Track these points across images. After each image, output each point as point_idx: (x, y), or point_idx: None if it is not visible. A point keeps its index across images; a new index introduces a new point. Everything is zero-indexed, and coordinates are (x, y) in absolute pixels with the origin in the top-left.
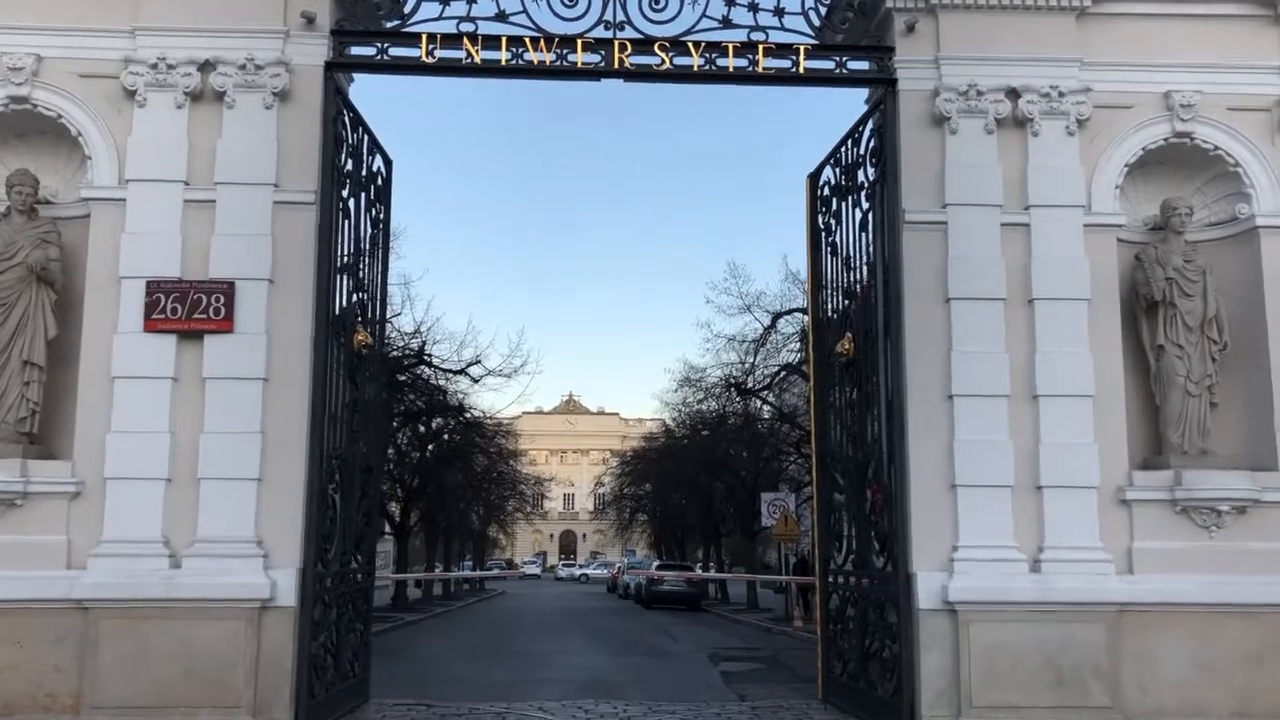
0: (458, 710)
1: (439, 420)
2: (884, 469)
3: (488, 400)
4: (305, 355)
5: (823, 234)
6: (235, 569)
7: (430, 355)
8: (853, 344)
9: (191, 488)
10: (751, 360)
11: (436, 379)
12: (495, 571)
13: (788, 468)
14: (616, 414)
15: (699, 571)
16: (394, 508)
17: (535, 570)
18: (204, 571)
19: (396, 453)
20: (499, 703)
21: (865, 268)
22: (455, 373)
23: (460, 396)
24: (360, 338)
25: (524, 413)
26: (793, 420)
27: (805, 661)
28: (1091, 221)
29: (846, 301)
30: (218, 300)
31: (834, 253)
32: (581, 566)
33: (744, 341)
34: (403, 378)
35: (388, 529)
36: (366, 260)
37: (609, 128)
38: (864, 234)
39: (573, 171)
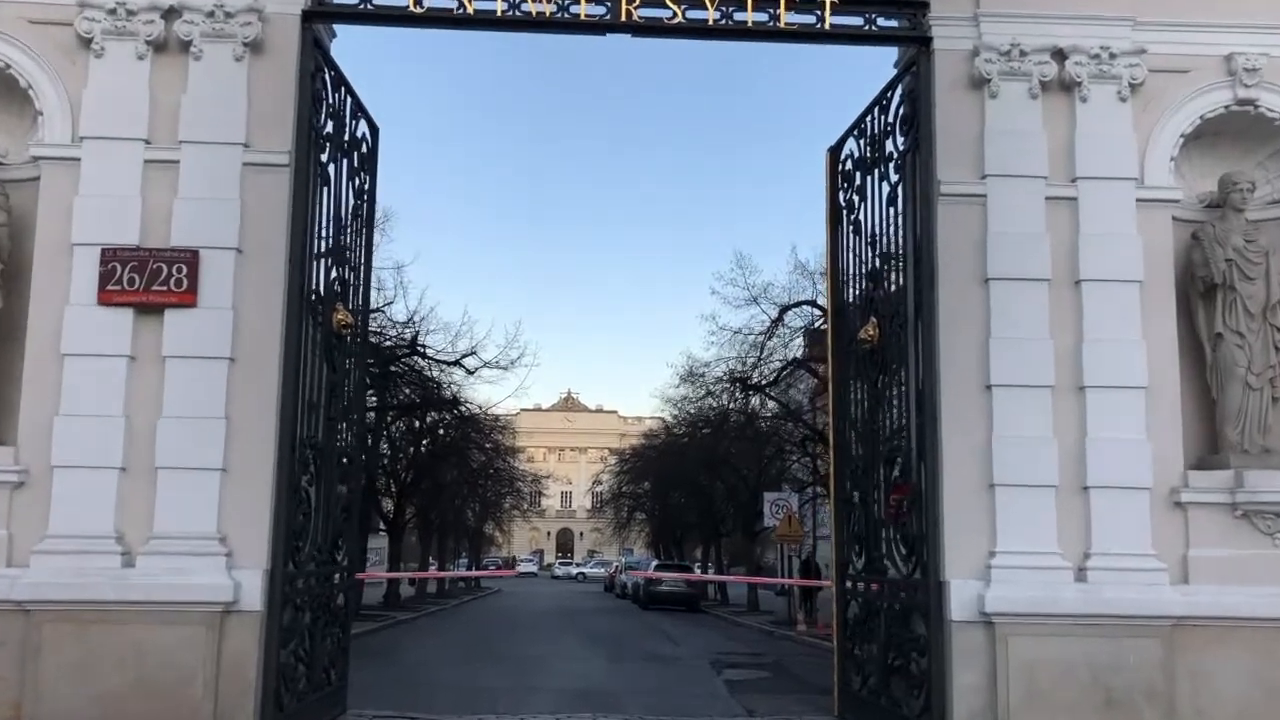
0: None
1: (434, 415)
2: (913, 466)
3: (484, 394)
4: (276, 333)
5: (844, 212)
6: (194, 569)
7: (424, 346)
8: (878, 330)
9: (148, 478)
10: (758, 354)
11: (430, 370)
12: (489, 570)
13: (790, 467)
14: (615, 412)
15: (698, 572)
16: (387, 504)
17: (532, 568)
18: (160, 571)
19: (390, 447)
20: (486, 715)
21: (893, 247)
22: (449, 364)
23: (454, 389)
24: (340, 317)
25: (522, 410)
26: (798, 417)
27: (813, 670)
28: (1144, 196)
29: (870, 284)
30: (179, 271)
31: (857, 231)
32: (579, 565)
33: (750, 334)
34: (395, 369)
35: (381, 525)
36: (349, 233)
37: (610, 93)
38: (892, 209)
39: (570, 145)
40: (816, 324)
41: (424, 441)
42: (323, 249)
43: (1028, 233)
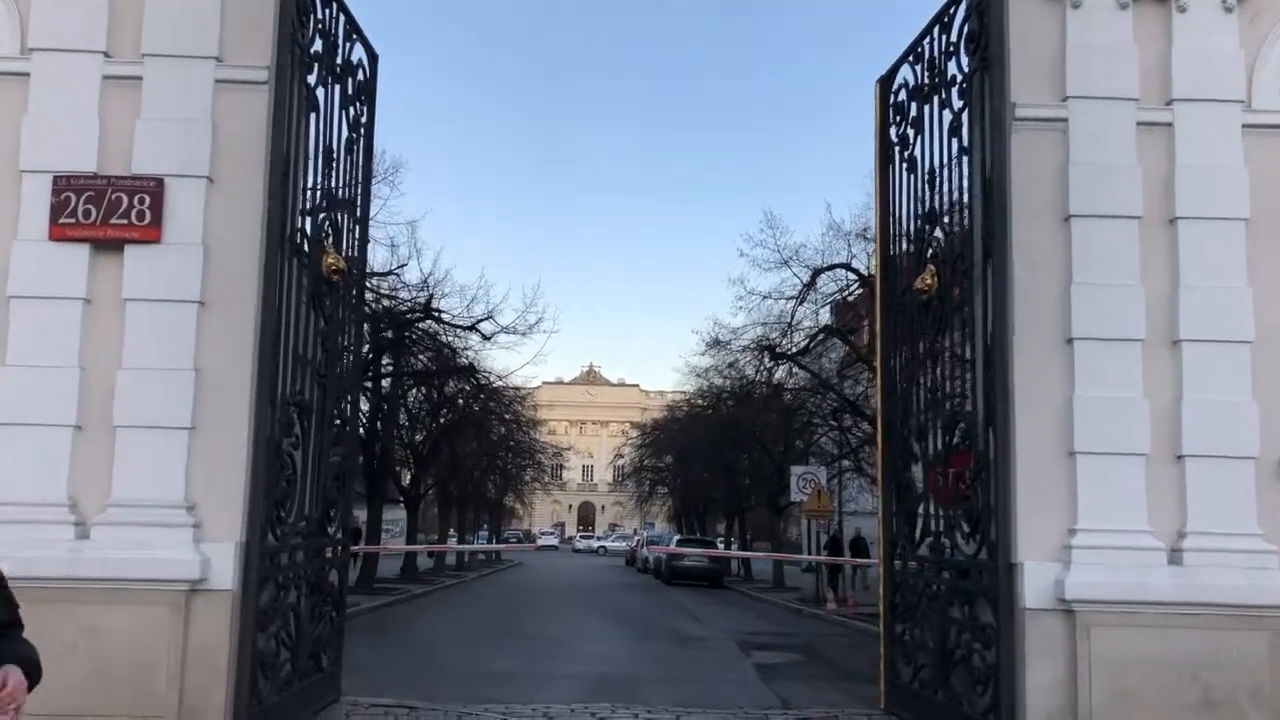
0: (444, 715)
1: (453, 384)
2: (979, 432)
3: (501, 361)
4: (254, 275)
5: (896, 149)
6: (157, 541)
7: (438, 310)
8: (936, 279)
9: (105, 438)
10: (788, 321)
11: (446, 335)
12: (506, 545)
13: (819, 439)
14: (636, 385)
15: (721, 549)
16: (405, 475)
17: (553, 541)
18: (118, 544)
19: (408, 416)
20: (494, 705)
21: (956, 183)
22: (465, 329)
23: (470, 355)
24: (330, 260)
25: (543, 383)
26: (830, 386)
27: (848, 653)
28: (1253, 121)
29: (928, 227)
30: (142, 202)
31: (911, 169)
32: (600, 539)
33: (780, 299)
34: (410, 335)
35: (399, 497)
36: (342, 169)
37: (632, 28)
38: (954, 141)
39: (585, 90)
40: (850, 290)
41: (443, 411)
42: (310, 183)
43: (1116, 162)
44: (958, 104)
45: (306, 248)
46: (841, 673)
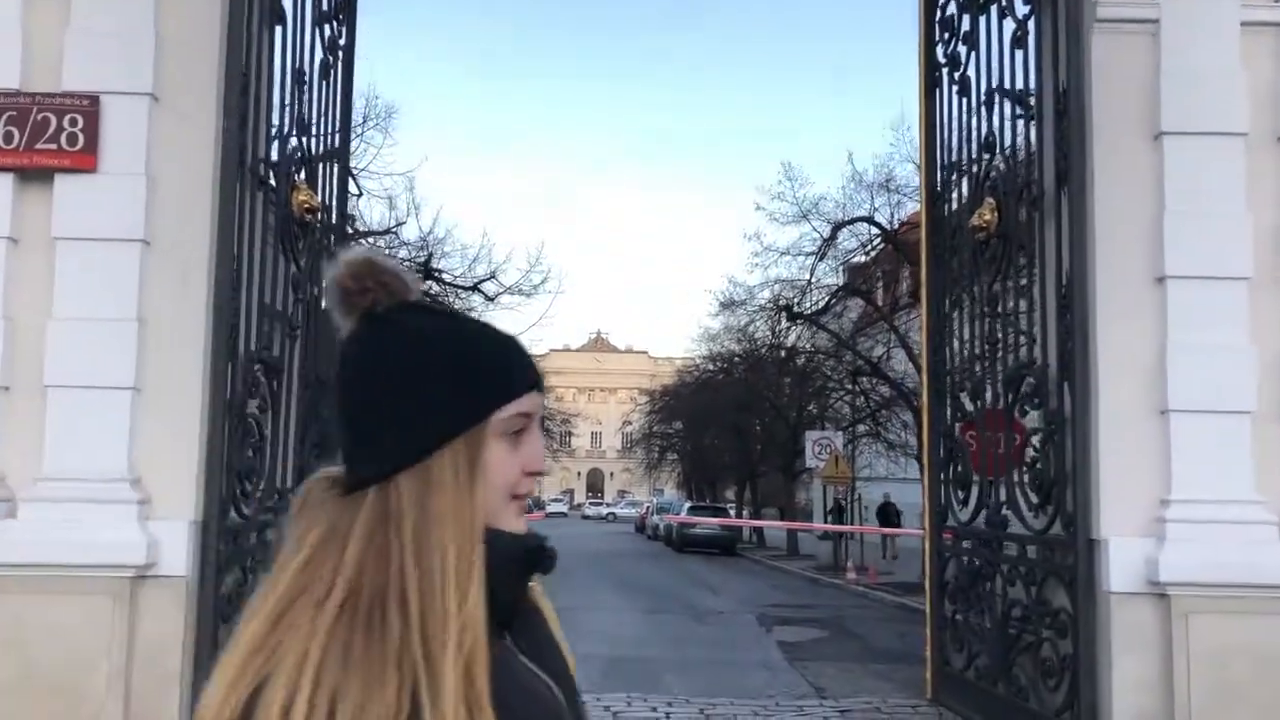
0: None
1: None
2: (1050, 388)
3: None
4: (207, 210)
5: (944, 70)
6: (95, 520)
7: (439, 270)
8: (996, 214)
9: (34, 400)
10: (808, 277)
11: (446, 297)
12: None
13: (835, 403)
14: (645, 352)
15: (734, 517)
16: None
17: (562, 509)
18: (48, 523)
19: None
20: None
21: (1021, 103)
22: (467, 289)
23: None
24: (303, 198)
25: (551, 350)
26: (850, 347)
27: (875, 629)
28: None
29: (986, 156)
30: (74, 124)
31: (964, 92)
32: (609, 505)
33: (798, 255)
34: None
35: None
36: (315, 94)
37: None
38: (1019, 53)
39: (590, 47)
40: (872, 246)
41: None
42: (276, 106)
43: (1217, 68)
44: (1023, 10)
45: (274, 181)
46: (873, 652)
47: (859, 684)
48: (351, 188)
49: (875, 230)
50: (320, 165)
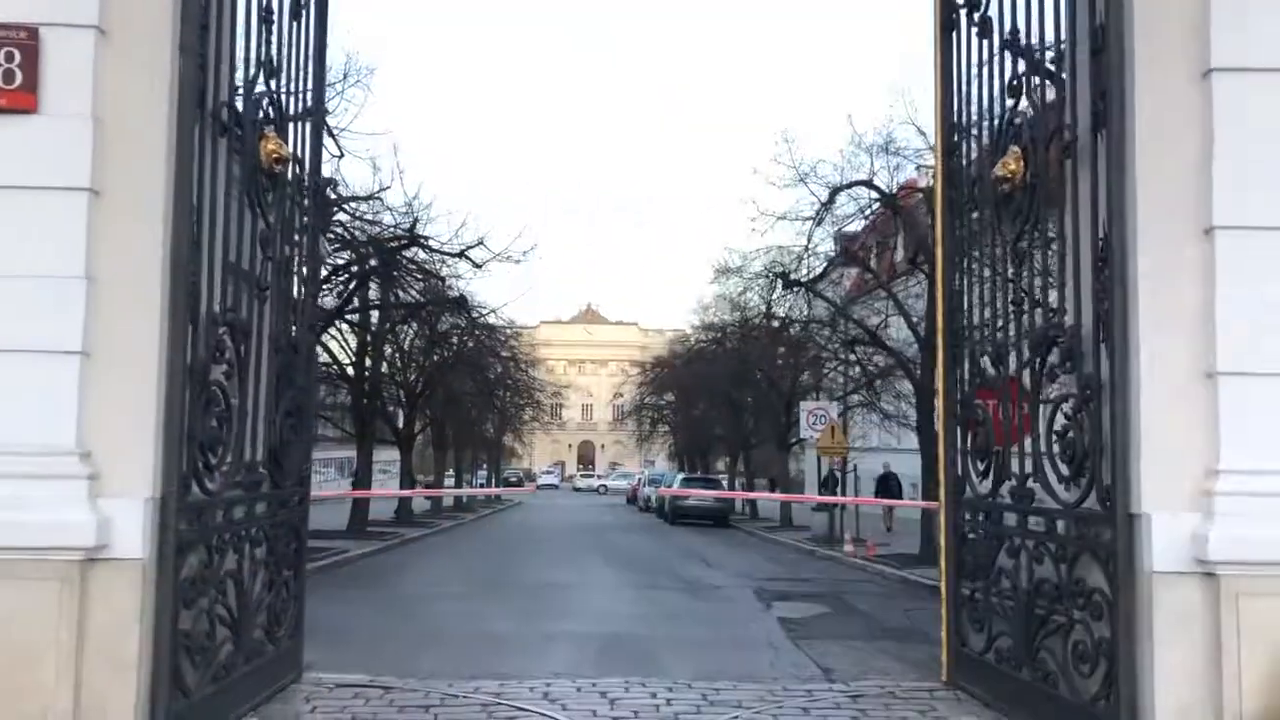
0: (425, 697)
1: (446, 319)
2: (1084, 349)
3: (493, 293)
4: (163, 156)
5: (962, 11)
6: (40, 499)
7: (424, 237)
8: (1022, 163)
9: None
10: (805, 243)
11: (434, 264)
12: (484, 488)
13: (829, 374)
14: (635, 324)
15: (728, 490)
16: (399, 415)
17: (553, 481)
18: None
19: (399, 353)
20: (486, 683)
21: (1051, 43)
22: (453, 256)
23: (461, 283)
24: (271, 146)
25: (542, 322)
26: (848, 315)
27: (878, 605)
28: None
29: (1010, 101)
30: (10, 59)
31: (984, 33)
32: (600, 477)
33: (796, 219)
34: (397, 263)
35: (393, 437)
36: (284, 33)
37: None
38: None
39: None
40: (870, 210)
41: (435, 348)
42: (240, 43)
43: None
44: None
45: (239, 128)
46: (879, 629)
47: (868, 664)
48: (332, 148)
49: (874, 195)
50: (291, 113)
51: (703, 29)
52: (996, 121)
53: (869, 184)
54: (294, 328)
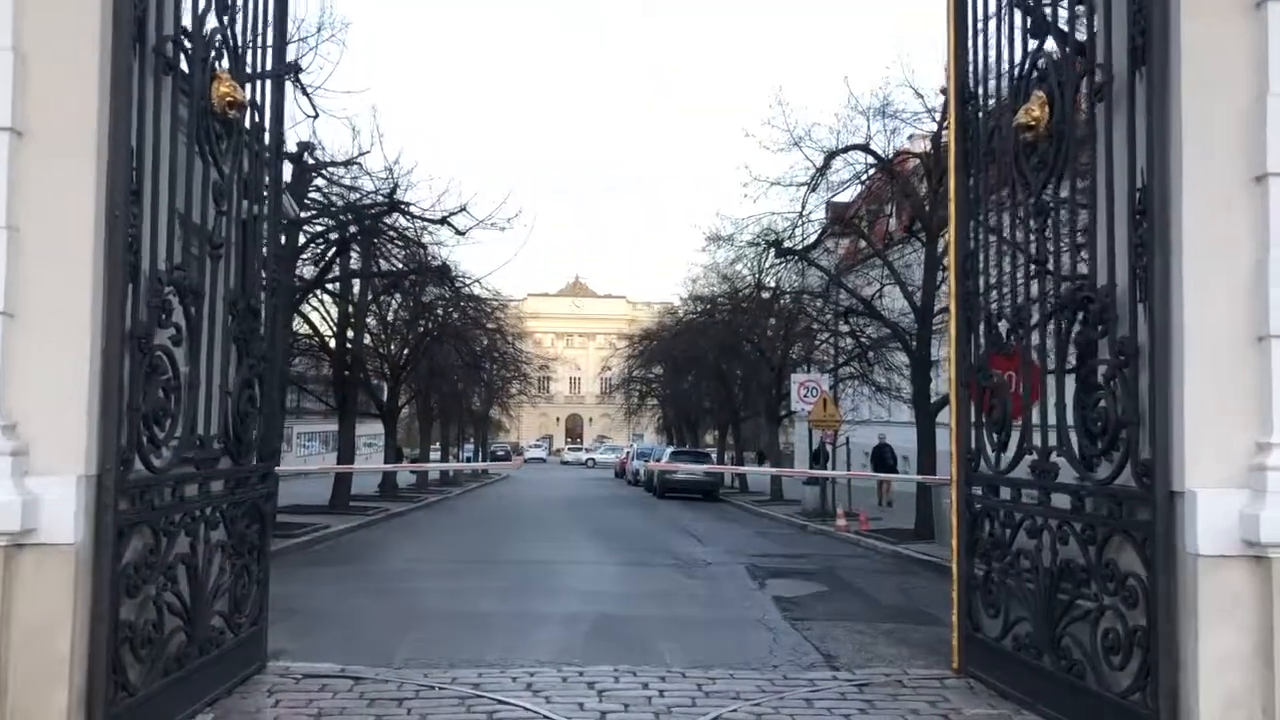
0: (398, 689)
1: (431, 290)
2: (1120, 312)
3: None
4: (94, 93)
5: None
6: None
7: (405, 204)
8: (1048, 108)
9: None
10: (799, 209)
11: (415, 230)
12: (477, 465)
13: (821, 346)
14: (624, 297)
15: (719, 464)
16: (383, 388)
17: (541, 454)
18: None
19: (381, 324)
20: (464, 672)
21: None
22: (435, 223)
23: (444, 254)
24: (224, 89)
25: (529, 295)
26: (842, 284)
27: (875, 582)
28: None
29: (1034, 42)
30: None
31: None
32: (588, 451)
33: (790, 186)
34: (379, 229)
35: (376, 410)
36: None
37: None
38: None
39: None
40: (867, 175)
41: (421, 320)
42: None
43: None
44: None
45: (185, 66)
46: (880, 610)
47: (872, 649)
48: (306, 107)
49: (871, 160)
50: (252, 60)
51: (692, 10)
52: (1018, 64)
53: (865, 148)
54: (257, 292)
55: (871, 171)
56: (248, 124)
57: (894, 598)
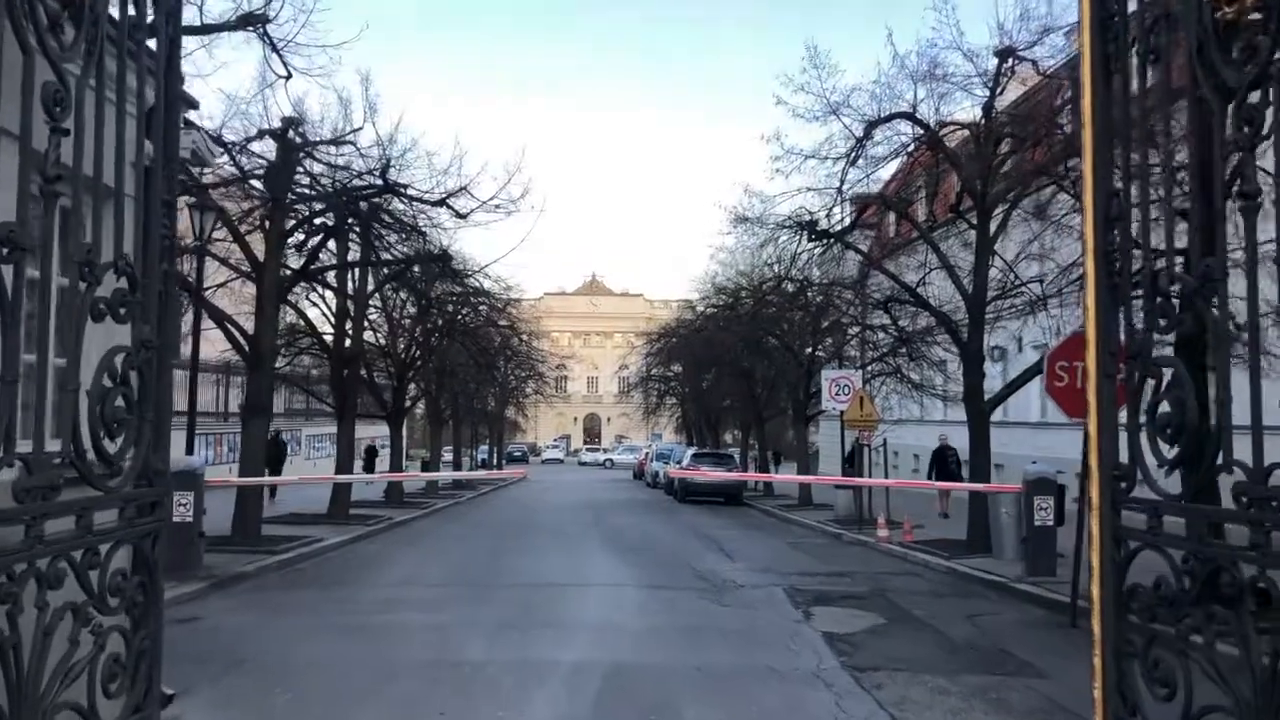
0: None
1: (437, 283)
2: None
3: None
4: None
5: None
6: None
7: (400, 185)
8: None
9: None
10: (838, 185)
11: (412, 211)
12: (479, 474)
13: (853, 340)
14: (641, 295)
15: (741, 468)
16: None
17: (558, 455)
18: None
19: (385, 318)
20: None
21: None
22: (433, 204)
23: (445, 240)
24: None
25: (545, 293)
26: (883, 269)
27: (938, 609)
28: None
29: None
30: None
31: None
32: (606, 451)
33: (826, 159)
34: (377, 212)
35: (381, 412)
36: None
37: None
38: None
39: None
40: (911, 148)
41: (426, 315)
42: None
43: None
44: None
45: None
46: (956, 653)
47: (963, 717)
48: (279, 68)
49: (920, 131)
50: None
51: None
52: None
53: (911, 117)
54: (138, 251)
55: (913, 145)
56: (117, 10)
57: (965, 631)
